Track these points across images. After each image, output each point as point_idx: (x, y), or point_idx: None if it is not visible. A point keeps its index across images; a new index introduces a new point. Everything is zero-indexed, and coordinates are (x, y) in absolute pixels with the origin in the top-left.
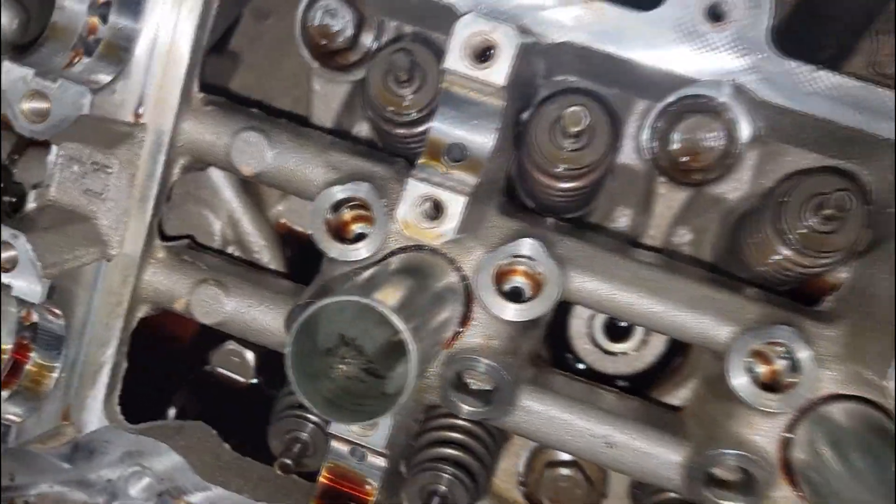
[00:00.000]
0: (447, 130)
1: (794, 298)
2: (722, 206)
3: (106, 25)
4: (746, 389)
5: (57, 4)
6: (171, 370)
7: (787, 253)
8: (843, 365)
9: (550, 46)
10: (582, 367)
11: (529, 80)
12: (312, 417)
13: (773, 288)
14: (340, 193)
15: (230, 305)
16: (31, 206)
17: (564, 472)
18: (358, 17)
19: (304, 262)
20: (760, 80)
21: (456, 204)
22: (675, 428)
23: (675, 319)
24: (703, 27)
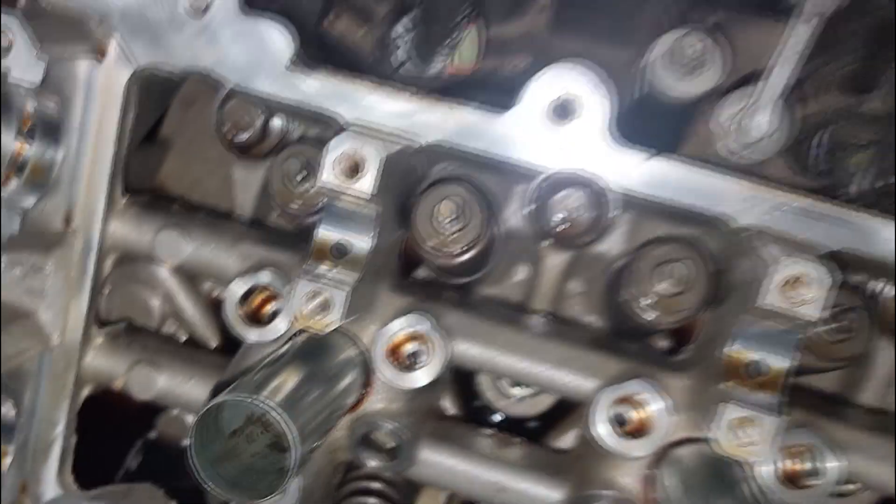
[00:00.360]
0: (330, 234)
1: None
2: (602, 263)
3: (31, 148)
4: (607, 438)
5: None
6: (121, 436)
7: (650, 317)
8: (691, 411)
9: (422, 148)
10: (498, 414)
11: (409, 173)
12: None
13: (655, 333)
14: (245, 284)
15: (162, 382)
16: None
17: None
18: (267, 112)
19: None
20: (603, 168)
21: (339, 297)
22: (559, 470)
23: (548, 377)
24: (551, 124)
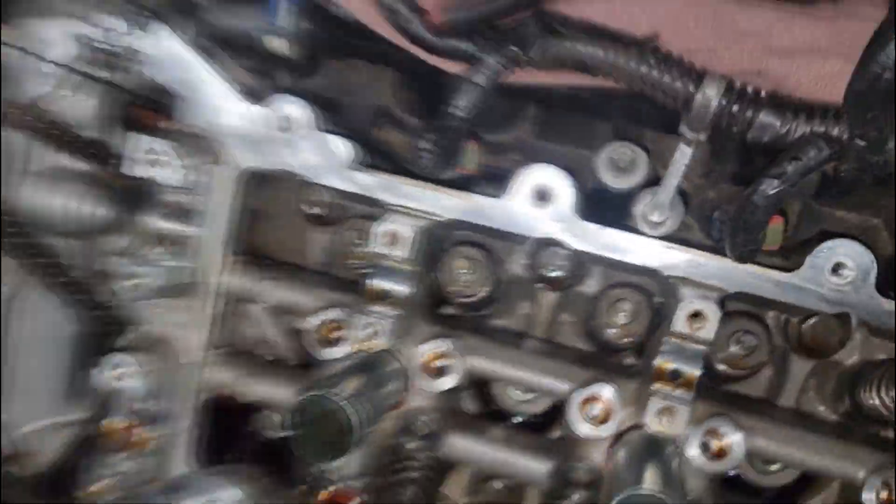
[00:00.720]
0: (378, 284)
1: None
2: (583, 300)
3: (171, 226)
4: (580, 426)
5: None
6: (229, 430)
7: (612, 337)
8: (637, 405)
9: (442, 223)
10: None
11: (435, 239)
12: None
13: (621, 351)
14: (319, 318)
15: (258, 389)
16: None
17: (496, 485)
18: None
19: None
20: (572, 236)
21: (386, 327)
22: (550, 449)
23: (538, 382)
24: (534, 206)
